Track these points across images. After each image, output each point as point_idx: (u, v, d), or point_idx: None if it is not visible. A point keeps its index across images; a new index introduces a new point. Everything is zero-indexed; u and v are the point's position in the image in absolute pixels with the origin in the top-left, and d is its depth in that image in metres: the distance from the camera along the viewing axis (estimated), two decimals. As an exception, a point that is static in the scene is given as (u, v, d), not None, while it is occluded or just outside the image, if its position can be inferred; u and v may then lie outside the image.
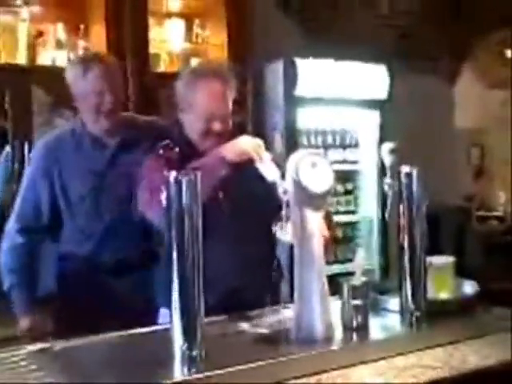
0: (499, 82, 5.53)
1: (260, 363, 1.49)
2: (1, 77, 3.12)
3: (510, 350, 1.64)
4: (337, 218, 4.09)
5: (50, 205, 2.37)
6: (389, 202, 1.95)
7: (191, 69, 2.31)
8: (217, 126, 2.10)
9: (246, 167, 2.00)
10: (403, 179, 1.84)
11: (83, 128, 2.40)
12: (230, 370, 1.45)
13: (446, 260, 2.01)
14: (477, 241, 5.03)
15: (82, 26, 3.53)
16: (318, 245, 1.68)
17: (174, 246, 1.48)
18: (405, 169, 1.84)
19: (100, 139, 2.40)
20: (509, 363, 1.61)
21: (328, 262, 1.74)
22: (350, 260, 4.11)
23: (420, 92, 4.78)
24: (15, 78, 3.19)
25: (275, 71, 3.90)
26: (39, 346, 1.66)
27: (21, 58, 3.33)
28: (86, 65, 2.33)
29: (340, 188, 4.20)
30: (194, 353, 1.48)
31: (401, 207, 1.85)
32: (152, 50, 3.69)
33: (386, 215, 1.95)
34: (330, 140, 4.18)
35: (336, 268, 3.59)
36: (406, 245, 1.84)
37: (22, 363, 1.55)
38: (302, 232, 1.68)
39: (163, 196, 1.54)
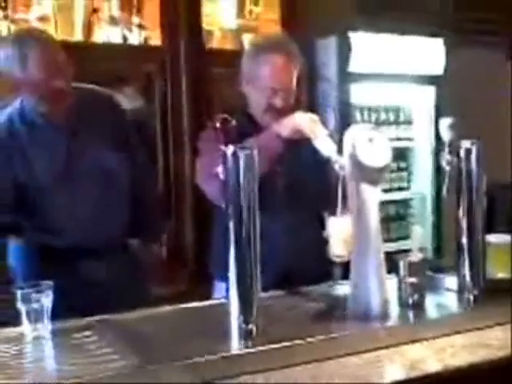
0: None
1: (315, 339, 1.49)
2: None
3: None
4: (390, 196, 4.07)
5: (18, 199, 2.11)
6: (447, 178, 1.91)
7: (257, 42, 2.27)
8: (279, 101, 2.09)
9: (301, 144, 1.98)
10: (462, 155, 1.80)
11: (32, 109, 2.12)
12: (286, 344, 1.46)
13: (504, 238, 1.97)
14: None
15: (135, 2, 3.55)
16: (374, 220, 1.66)
17: (231, 220, 1.49)
18: (465, 144, 1.80)
19: (53, 118, 2.13)
20: None
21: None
22: (403, 238, 4.08)
23: (476, 67, 4.65)
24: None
25: (328, 46, 3.85)
26: (98, 317, 1.70)
27: (77, 35, 3.38)
28: (21, 49, 1.99)
29: (393, 165, 4.14)
30: (250, 326, 1.49)
31: (460, 183, 1.81)
32: (205, 26, 3.68)
33: (444, 192, 1.91)
34: (383, 117, 4.12)
35: (388, 246, 3.57)
36: (464, 222, 1.81)
37: (83, 334, 1.59)
38: (359, 208, 1.66)
39: (220, 170, 1.54)
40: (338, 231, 1.83)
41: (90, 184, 2.15)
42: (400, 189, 4.24)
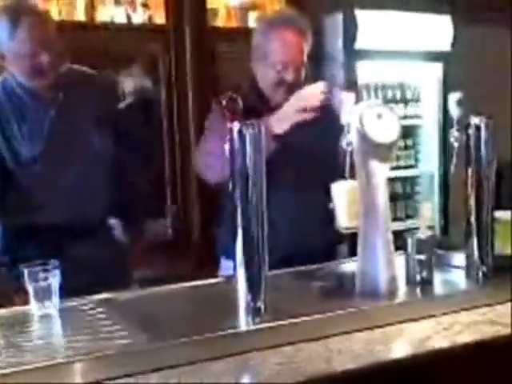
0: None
1: (323, 315, 1.49)
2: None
3: None
4: (397, 174, 4.06)
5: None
6: (455, 154, 1.89)
7: (267, 17, 2.27)
8: (289, 76, 2.08)
9: (309, 122, 1.96)
10: (472, 131, 1.78)
11: (18, 84, 2.10)
12: (294, 321, 1.45)
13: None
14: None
15: (139, -18, 3.52)
16: (383, 197, 1.65)
17: (238, 198, 1.48)
18: (474, 120, 1.78)
19: (39, 94, 2.12)
20: None
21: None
22: (410, 217, 4.07)
23: (483, 44, 4.61)
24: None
25: (334, 23, 3.82)
26: (104, 295, 1.70)
27: (80, 15, 3.36)
28: (14, 20, 1.97)
29: (400, 143, 4.13)
30: (258, 304, 1.48)
31: (469, 160, 1.80)
32: (209, 4, 3.65)
33: (452, 168, 1.89)
34: (390, 94, 4.10)
35: (395, 225, 3.56)
36: (473, 199, 1.79)
37: (91, 312, 1.59)
38: (367, 184, 1.65)
39: (222, 161, 1.53)
40: (343, 197, 1.79)
41: (72, 162, 2.13)
42: (407, 167, 4.23)
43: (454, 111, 1.86)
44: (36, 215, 2.09)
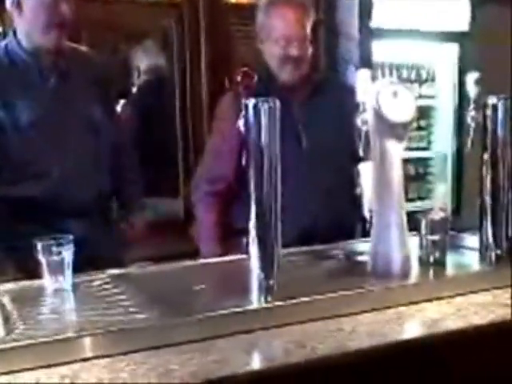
0: None
1: (336, 294, 1.48)
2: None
3: None
4: (410, 154, 4.02)
5: None
6: (471, 133, 1.87)
7: None
8: (294, 50, 2.13)
9: (325, 99, 1.95)
10: (488, 111, 1.76)
11: (20, 48, 2.10)
12: (306, 300, 1.45)
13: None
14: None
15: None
16: (397, 176, 1.63)
17: (253, 176, 1.47)
18: (491, 100, 1.75)
19: (42, 59, 2.11)
20: None
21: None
22: (422, 198, 4.05)
23: (501, 24, 4.54)
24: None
25: (350, 1, 3.77)
26: (117, 271, 1.70)
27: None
28: None
29: (414, 124, 4.08)
30: (271, 282, 1.48)
31: (485, 140, 1.78)
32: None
33: (468, 146, 1.87)
34: (405, 74, 4.06)
35: (408, 206, 3.54)
36: (488, 180, 1.78)
37: (103, 287, 1.59)
38: (382, 163, 1.63)
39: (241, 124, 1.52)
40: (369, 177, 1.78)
41: (69, 133, 2.12)
42: (420, 148, 4.20)
43: (472, 91, 1.84)
44: (33, 185, 2.06)
